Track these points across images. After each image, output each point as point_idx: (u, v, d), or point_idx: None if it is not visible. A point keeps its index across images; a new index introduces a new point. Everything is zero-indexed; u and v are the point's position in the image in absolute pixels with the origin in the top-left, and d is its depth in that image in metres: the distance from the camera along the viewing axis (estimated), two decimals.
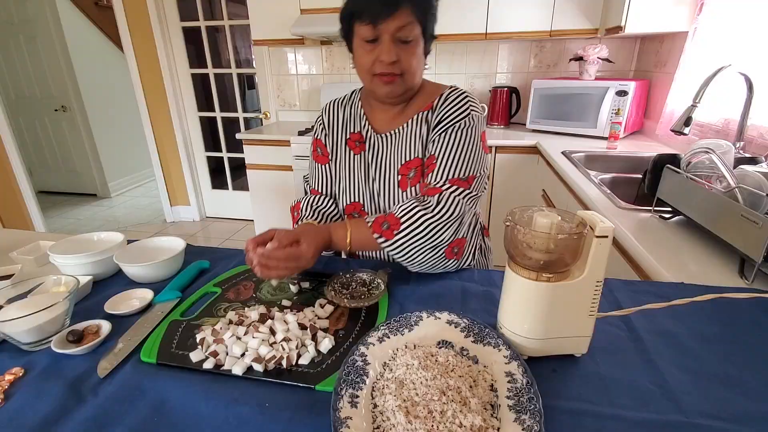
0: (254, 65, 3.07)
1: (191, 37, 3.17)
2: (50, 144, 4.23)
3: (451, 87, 0.90)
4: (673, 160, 1.09)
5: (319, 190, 1.00)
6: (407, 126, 0.89)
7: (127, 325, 0.66)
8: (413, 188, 0.88)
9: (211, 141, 3.50)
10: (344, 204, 0.96)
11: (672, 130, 1.31)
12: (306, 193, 1.04)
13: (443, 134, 0.83)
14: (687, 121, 1.27)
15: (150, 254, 0.84)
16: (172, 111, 3.27)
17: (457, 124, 0.83)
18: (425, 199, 0.79)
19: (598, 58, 2.16)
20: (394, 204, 0.90)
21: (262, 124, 3.12)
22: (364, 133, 0.93)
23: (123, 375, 0.56)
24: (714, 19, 1.66)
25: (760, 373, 0.55)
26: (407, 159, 0.88)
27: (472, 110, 0.84)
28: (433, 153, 0.83)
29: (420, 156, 0.88)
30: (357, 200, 0.94)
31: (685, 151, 1.08)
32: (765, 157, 1.11)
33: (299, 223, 0.95)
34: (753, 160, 1.09)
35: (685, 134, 1.29)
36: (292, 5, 2.42)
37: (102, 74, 4.15)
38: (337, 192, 0.98)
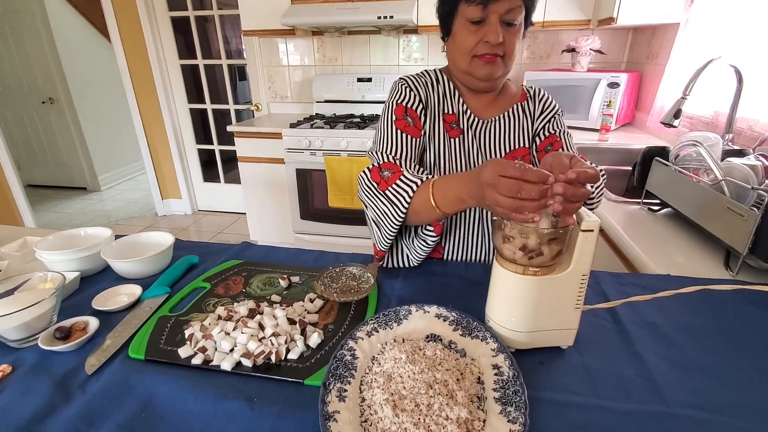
0: (245, 56, 3.03)
1: (180, 27, 3.11)
2: (38, 137, 4.16)
3: (523, 85, 0.96)
4: (662, 152, 1.09)
5: (408, 165, 0.82)
6: (509, 115, 0.90)
7: (115, 321, 0.66)
8: None
9: (202, 133, 3.46)
10: None
11: (662, 123, 1.32)
12: (370, 169, 0.81)
13: (554, 119, 0.91)
14: (676, 114, 1.27)
15: (138, 250, 0.83)
16: (162, 103, 3.22)
17: (560, 112, 0.93)
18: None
19: (590, 49, 2.16)
20: None
21: (253, 116, 3.09)
22: (460, 116, 0.89)
23: (111, 371, 0.55)
24: (706, 11, 1.66)
25: (742, 364, 0.56)
26: (513, 148, 0.90)
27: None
28: (552, 133, 0.90)
29: (526, 146, 0.90)
30: None
31: (674, 144, 1.08)
32: (753, 150, 1.12)
33: (415, 177, 0.73)
34: (741, 153, 1.10)
35: (674, 126, 1.29)
36: None
37: (89, 65, 4.07)
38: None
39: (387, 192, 0.74)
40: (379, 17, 2.17)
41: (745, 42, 1.46)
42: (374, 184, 0.77)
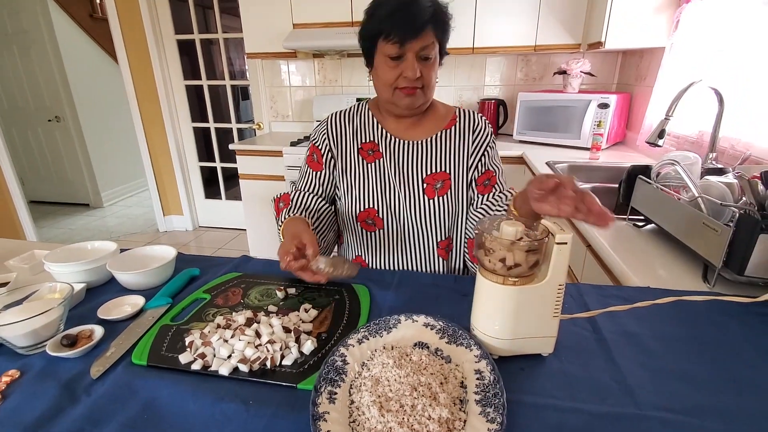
0: (248, 77, 3.12)
1: (186, 49, 3.22)
2: (43, 154, 4.24)
3: (458, 107, 1.03)
4: (645, 170, 1.14)
5: (310, 190, 1.01)
6: (435, 140, 0.97)
7: (119, 329, 0.69)
8: (441, 197, 0.95)
9: (204, 151, 3.54)
10: (356, 211, 0.98)
11: (647, 142, 1.37)
12: (274, 198, 1.05)
13: (486, 155, 0.97)
14: (660, 134, 1.33)
15: (142, 262, 0.87)
16: (166, 122, 3.31)
17: (493, 143, 0.99)
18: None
19: (580, 71, 2.24)
20: (416, 209, 0.96)
21: (255, 135, 3.16)
22: (378, 141, 0.97)
23: (115, 376, 0.58)
24: (689, 36, 1.74)
25: (713, 369, 0.59)
26: (433, 171, 0.96)
27: (491, 129, 1.00)
28: (488, 169, 0.97)
29: (447, 171, 0.96)
30: (371, 206, 0.97)
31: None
32: (732, 168, 1.17)
33: (286, 214, 0.94)
34: (721, 171, 1.15)
35: (659, 146, 1.35)
36: (284, 20, 2.48)
37: (96, 85, 4.18)
38: (346, 201, 0.99)
39: (277, 222, 0.95)
40: None
41: (726, 65, 1.53)
42: (274, 212, 1.00)
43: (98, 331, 0.67)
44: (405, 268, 1.00)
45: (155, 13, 3.06)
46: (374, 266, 1.02)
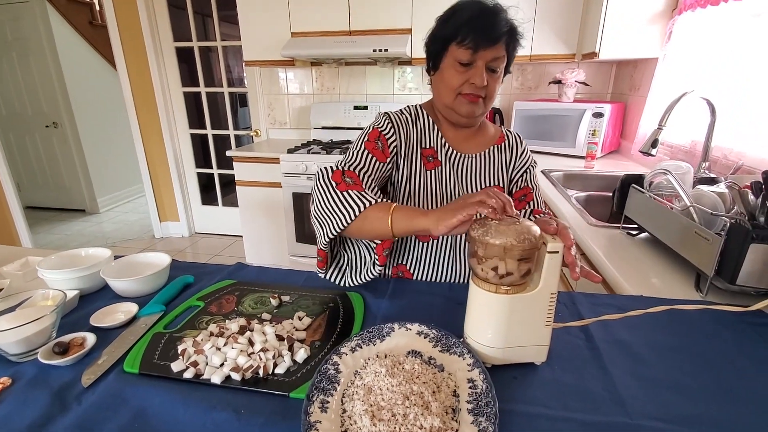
0: (246, 84, 3.14)
1: (184, 56, 3.24)
2: (40, 160, 4.23)
3: (503, 127, 1.06)
4: (639, 179, 1.15)
5: (365, 182, 0.83)
6: (487, 154, 0.99)
7: (111, 337, 0.69)
8: None
9: (201, 158, 3.54)
10: None
11: (640, 151, 1.38)
12: (333, 169, 0.82)
13: (527, 173, 1.01)
14: (653, 143, 1.34)
15: (136, 269, 0.87)
16: (164, 128, 3.31)
17: (535, 162, 1.03)
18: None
19: (575, 81, 2.26)
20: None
21: (252, 142, 3.17)
22: (438, 149, 0.96)
23: (106, 384, 0.58)
24: (682, 47, 1.77)
25: (705, 378, 0.60)
26: (490, 183, 0.98)
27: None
28: (527, 185, 1.00)
29: (501, 184, 0.98)
30: None
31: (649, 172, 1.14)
32: (724, 178, 1.18)
33: (371, 195, 0.76)
34: (713, 180, 1.16)
35: (652, 155, 1.36)
36: (283, 28, 2.50)
37: (94, 91, 4.19)
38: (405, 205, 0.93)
39: (344, 194, 0.75)
40: (375, 50, 2.28)
41: (718, 75, 1.55)
42: (333, 182, 0.78)
43: (90, 338, 0.67)
44: (454, 281, 0.95)
45: (154, 21, 3.08)
46: (419, 277, 0.95)
